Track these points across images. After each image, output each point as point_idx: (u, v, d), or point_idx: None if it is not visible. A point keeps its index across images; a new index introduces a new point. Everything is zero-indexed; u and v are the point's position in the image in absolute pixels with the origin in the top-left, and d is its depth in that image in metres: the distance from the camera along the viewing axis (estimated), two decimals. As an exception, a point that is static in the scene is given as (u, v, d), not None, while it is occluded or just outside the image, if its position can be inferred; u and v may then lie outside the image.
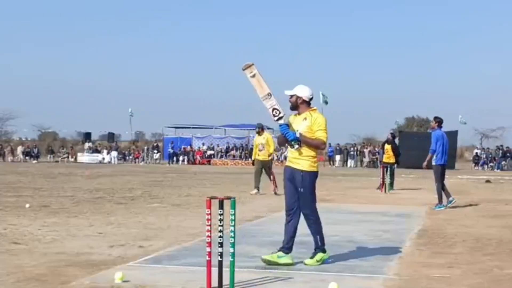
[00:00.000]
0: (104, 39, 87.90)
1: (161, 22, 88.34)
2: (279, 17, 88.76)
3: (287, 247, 5.78)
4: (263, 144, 14.99)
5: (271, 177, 14.99)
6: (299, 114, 5.87)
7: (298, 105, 5.84)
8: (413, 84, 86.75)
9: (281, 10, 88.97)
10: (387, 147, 17.48)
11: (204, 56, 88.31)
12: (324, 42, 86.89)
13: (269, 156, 15.07)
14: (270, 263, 5.62)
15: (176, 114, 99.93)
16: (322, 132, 5.72)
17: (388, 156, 17.32)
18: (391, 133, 18.31)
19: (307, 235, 7.35)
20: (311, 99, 5.87)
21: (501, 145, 43.13)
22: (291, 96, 5.87)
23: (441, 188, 11.78)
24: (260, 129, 15.30)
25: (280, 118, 5.81)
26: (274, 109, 5.78)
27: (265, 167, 14.96)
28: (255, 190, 14.57)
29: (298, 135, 5.71)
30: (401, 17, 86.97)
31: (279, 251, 5.79)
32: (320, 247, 5.79)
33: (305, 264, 5.68)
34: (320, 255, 5.74)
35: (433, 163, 11.90)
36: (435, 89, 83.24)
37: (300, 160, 5.75)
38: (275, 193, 14.31)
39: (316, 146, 5.76)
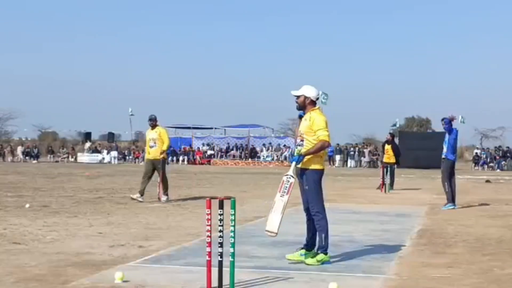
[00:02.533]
0: (104, 39, 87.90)
1: (161, 22, 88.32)
2: (279, 16, 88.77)
3: (309, 244, 5.90)
4: (155, 140, 12.47)
5: (161, 179, 12.41)
6: (305, 114, 5.92)
7: (305, 105, 5.88)
8: (413, 84, 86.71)
9: (281, 10, 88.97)
10: (387, 147, 17.57)
11: (204, 56, 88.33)
12: (324, 42, 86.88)
13: (161, 154, 12.44)
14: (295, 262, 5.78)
15: (176, 114, 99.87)
16: (322, 131, 5.73)
17: (389, 156, 17.41)
18: (391, 133, 18.43)
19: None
20: (317, 99, 5.92)
21: (499, 146, 43.08)
22: (298, 96, 5.90)
23: (451, 186, 11.71)
24: (153, 122, 12.59)
25: (292, 177, 5.72)
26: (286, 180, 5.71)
27: (156, 167, 12.42)
28: (138, 195, 12.11)
29: (298, 156, 5.75)
30: (401, 17, 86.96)
31: (301, 249, 5.91)
32: (323, 247, 5.79)
33: (305, 263, 5.69)
34: (321, 256, 5.75)
35: (444, 157, 11.72)
36: (435, 89, 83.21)
37: (304, 159, 5.81)
38: (159, 199, 12.27)
39: (320, 148, 5.75)
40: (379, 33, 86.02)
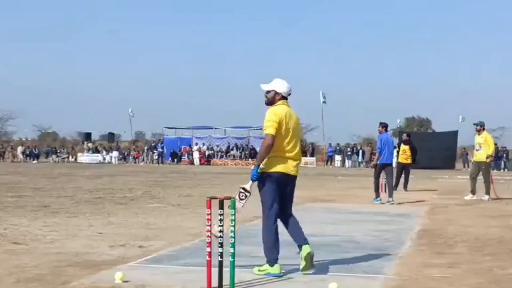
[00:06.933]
0: (103, 39, 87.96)
1: (161, 22, 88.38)
2: (279, 17, 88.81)
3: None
4: None
5: None
6: None
7: (275, 101, 5.29)
8: (413, 84, 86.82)
9: (282, 10, 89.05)
10: (405, 147, 17.47)
11: (204, 56, 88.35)
12: (324, 42, 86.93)
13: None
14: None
15: (176, 114, 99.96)
16: (265, 128, 5.16)
17: (406, 157, 17.39)
18: (407, 134, 18.60)
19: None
20: (289, 94, 5.34)
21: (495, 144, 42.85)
22: (269, 91, 5.34)
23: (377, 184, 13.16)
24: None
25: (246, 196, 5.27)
26: (240, 193, 5.22)
27: None
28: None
29: (255, 170, 5.20)
30: (401, 18, 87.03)
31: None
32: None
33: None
34: (266, 266, 5.24)
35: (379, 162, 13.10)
36: (435, 89, 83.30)
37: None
38: None
39: (265, 148, 5.13)
40: (380, 33, 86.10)
